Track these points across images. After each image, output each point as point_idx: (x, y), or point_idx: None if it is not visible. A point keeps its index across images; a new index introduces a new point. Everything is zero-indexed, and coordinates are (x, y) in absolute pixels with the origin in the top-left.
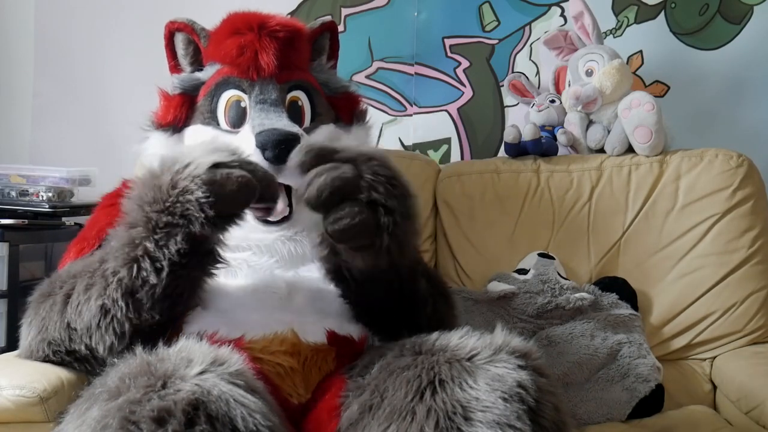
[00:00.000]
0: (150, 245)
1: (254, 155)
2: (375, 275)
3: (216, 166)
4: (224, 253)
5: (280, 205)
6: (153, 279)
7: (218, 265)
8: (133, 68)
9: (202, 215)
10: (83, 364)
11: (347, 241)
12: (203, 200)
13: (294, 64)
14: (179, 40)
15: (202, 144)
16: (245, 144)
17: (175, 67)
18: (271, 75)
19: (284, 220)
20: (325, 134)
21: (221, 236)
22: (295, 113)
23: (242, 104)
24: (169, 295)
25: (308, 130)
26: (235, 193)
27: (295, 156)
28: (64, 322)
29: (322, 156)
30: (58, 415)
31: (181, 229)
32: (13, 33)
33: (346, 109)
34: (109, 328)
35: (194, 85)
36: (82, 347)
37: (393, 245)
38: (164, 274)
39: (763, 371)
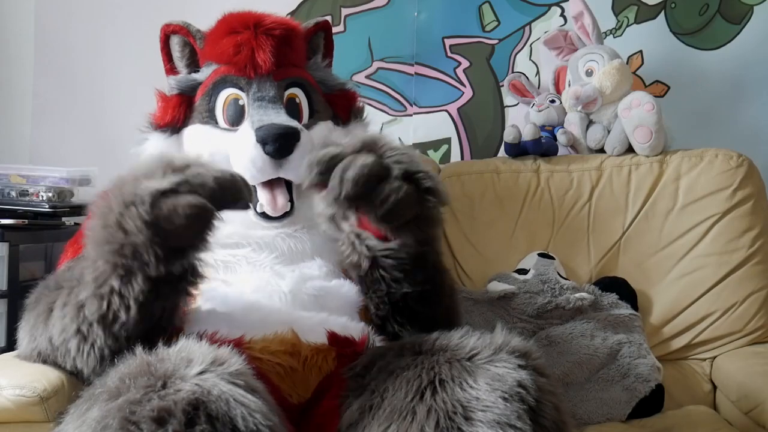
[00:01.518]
0: (115, 283)
1: (254, 150)
2: (409, 265)
3: (164, 193)
4: (201, 271)
5: (281, 201)
6: (123, 316)
7: (196, 286)
8: (133, 68)
9: (153, 258)
10: (73, 375)
11: (398, 218)
12: (150, 242)
13: (290, 62)
14: (174, 42)
15: (149, 162)
16: (245, 140)
17: (171, 70)
18: (268, 72)
19: (286, 215)
20: (323, 131)
21: (192, 261)
22: (293, 110)
23: (240, 102)
24: (144, 324)
25: (307, 127)
26: (184, 227)
27: (308, 167)
28: (48, 336)
29: (333, 158)
30: (58, 415)
31: (138, 269)
32: (13, 33)
33: (343, 106)
34: (91, 353)
35: (191, 85)
36: (68, 365)
37: (436, 209)
38: (133, 311)
39: (763, 371)
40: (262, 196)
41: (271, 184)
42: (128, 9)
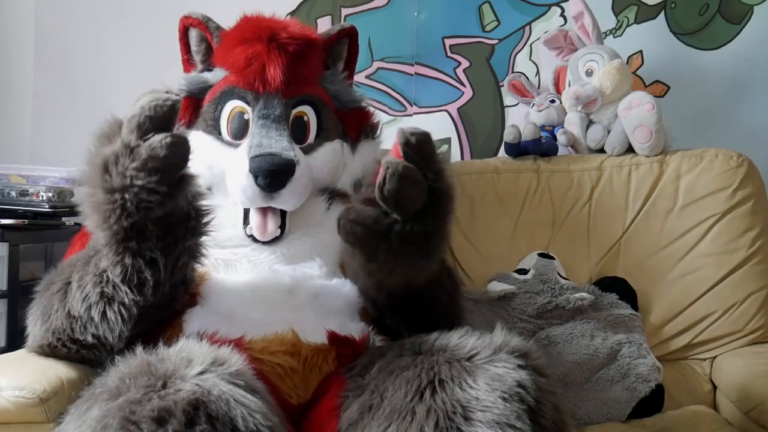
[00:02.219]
0: (131, 243)
1: (246, 180)
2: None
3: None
4: (203, 207)
5: (271, 227)
6: (147, 273)
7: (204, 223)
8: (133, 68)
9: (154, 196)
10: (91, 351)
11: (406, 195)
12: (146, 183)
13: (303, 78)
14: (193, 36)
15: (104, 126)
16: (239, 166)
17: (187, 62)
18: (277, 89)
19: (275, 240)
20: (327, 154)
21: (191, 194)
22: (299, 129)
23: (245, 116)
24: (168, 275)
25: (312, 147)
26: (168, 156)
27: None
28: (65, 310)
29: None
30: (59, 416)
31: (144, 219)
32: (13, 33)
33: (354, 124)
34: (118, 315)
35: (201, 87)
36: (89, 337)
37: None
38: (158, 263)
39: (763, 371)
40: (253, 220)
41: (264, 209)
42: (128, 9)
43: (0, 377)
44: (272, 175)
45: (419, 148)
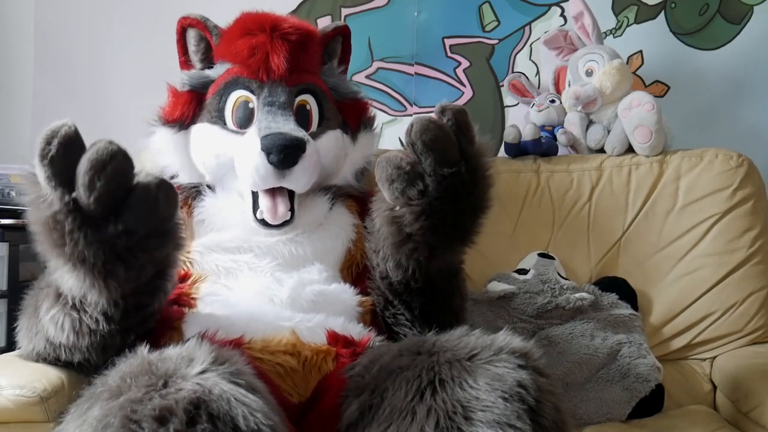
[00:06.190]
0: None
1: (258, 158)
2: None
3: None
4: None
5: (282, 209)
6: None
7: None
8: (133, 68)
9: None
10: (82, 370)
11: (433, 138)
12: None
13: (304, 68)
14: (191, 36)
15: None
16: (250, 147)
17: (185, 63)
18: (281, 77)
19: (285, 223)
20: (331, 141)
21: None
22: (302, 117)
23: (250, 105)
24: (134, 281)
25: (315, 135)
26: (106, 184)
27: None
28: (44, 335)
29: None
30: (59, 415)
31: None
32: (13, 33)
33: (353, 115)
34: (97, 345)
35: (203, 82)
36: (75, 359)
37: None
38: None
39: (763, 371)
40: (264, 203)
41: (273, 192)
42: (128, 9)
43: (0, 377)
44: (285, 150)
45: (454, 117)
